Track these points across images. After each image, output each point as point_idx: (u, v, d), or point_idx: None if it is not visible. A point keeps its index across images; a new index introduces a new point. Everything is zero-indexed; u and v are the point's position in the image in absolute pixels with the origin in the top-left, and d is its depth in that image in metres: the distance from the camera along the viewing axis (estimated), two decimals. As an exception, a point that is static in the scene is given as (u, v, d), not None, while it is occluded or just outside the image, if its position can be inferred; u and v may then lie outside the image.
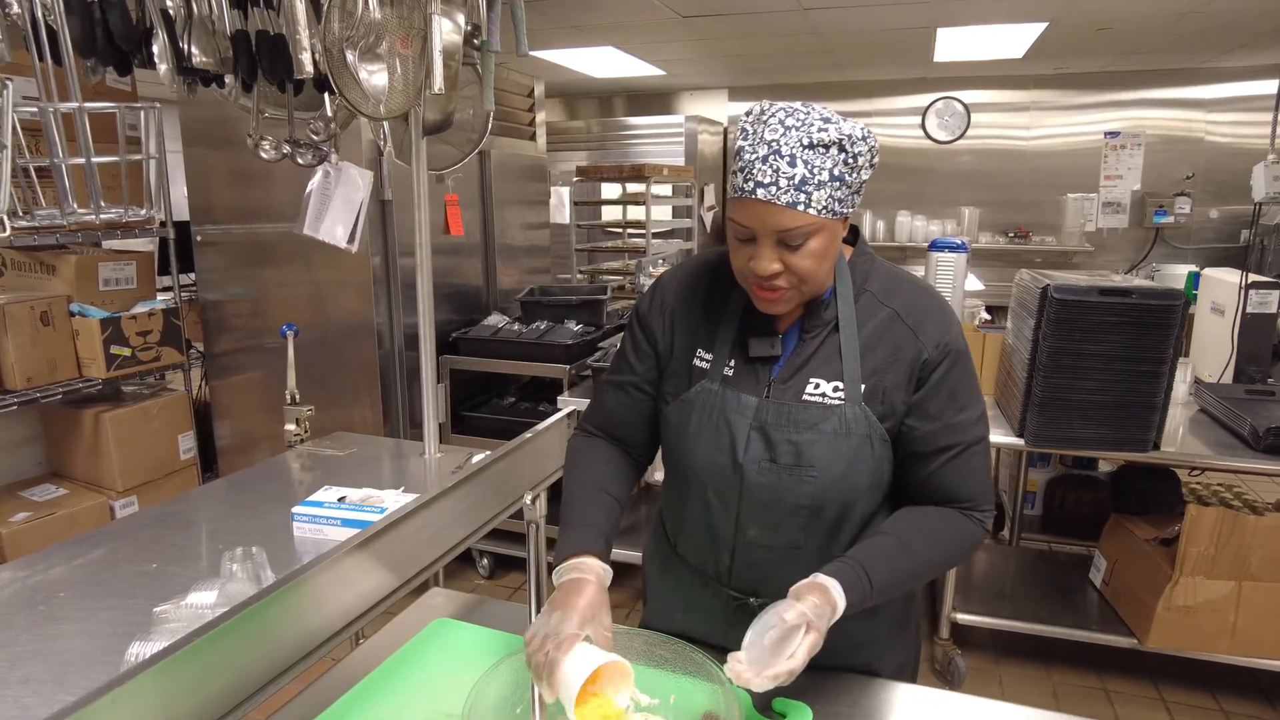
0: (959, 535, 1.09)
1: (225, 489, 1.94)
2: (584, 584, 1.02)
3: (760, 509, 1.10)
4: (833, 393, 1.07)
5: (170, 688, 0.97)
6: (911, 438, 1.08)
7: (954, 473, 1.08)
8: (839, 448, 1.05)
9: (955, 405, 1.07)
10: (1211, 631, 2.34)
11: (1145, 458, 2.29)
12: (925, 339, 1.07)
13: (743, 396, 1.09)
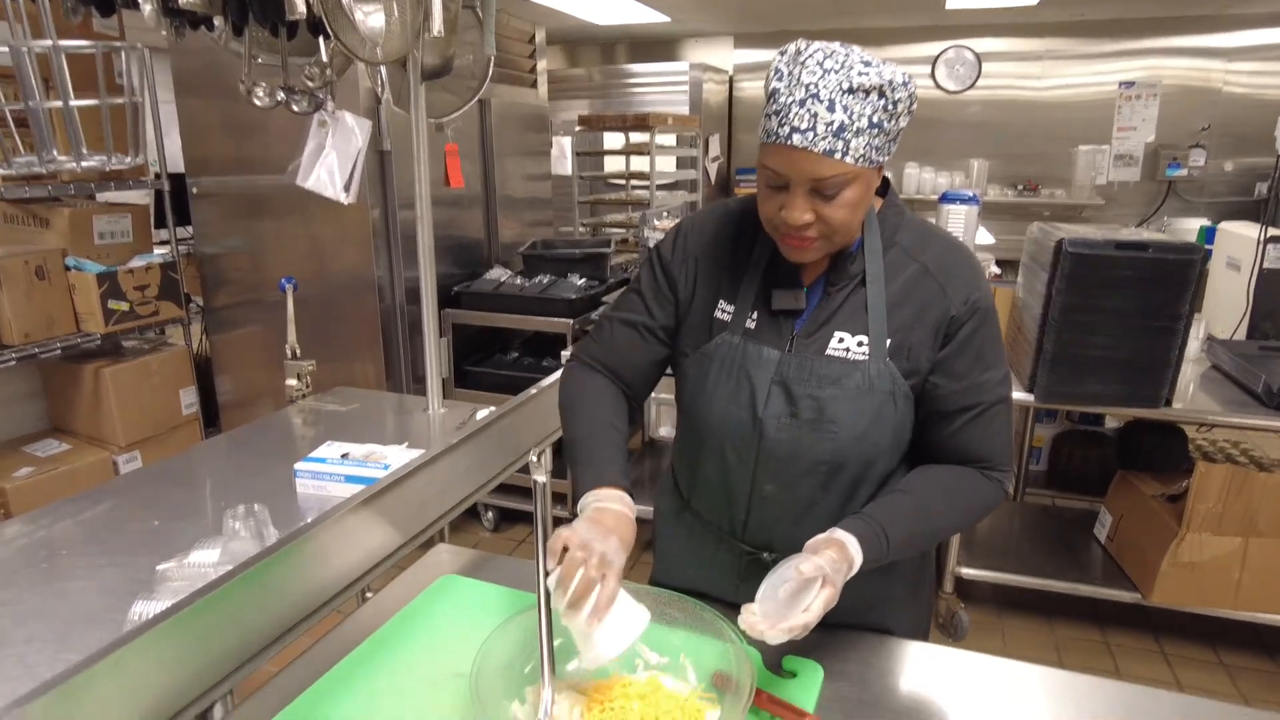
0: (977, 496, 1.07)
1: (227, 445, 1.92)
2: (620, 514, 1.01)
3: (778, 465, 1.08)
4: (857, 348, 1.04)
5: (174, 647, 0.96)
6: (935, 396, 1.06)
7: (975, 433, 1.06)
8: (861, 404, 1.03)
9: (981, 365, 1.05)
10: (1215, 587, 2.34)
11: (1156, 414, 2.27)
12: (954, 295, 1.04)
13: (764, 350, 1.06)
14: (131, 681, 0.90)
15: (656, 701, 0.95)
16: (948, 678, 1.06)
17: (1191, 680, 2.41)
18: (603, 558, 0.92)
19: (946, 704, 1.01)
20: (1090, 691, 1.03)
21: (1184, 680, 2.41)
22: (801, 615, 0.89)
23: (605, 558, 0.92)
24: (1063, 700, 1.01)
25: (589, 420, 1.15)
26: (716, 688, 0.98)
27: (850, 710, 0.99)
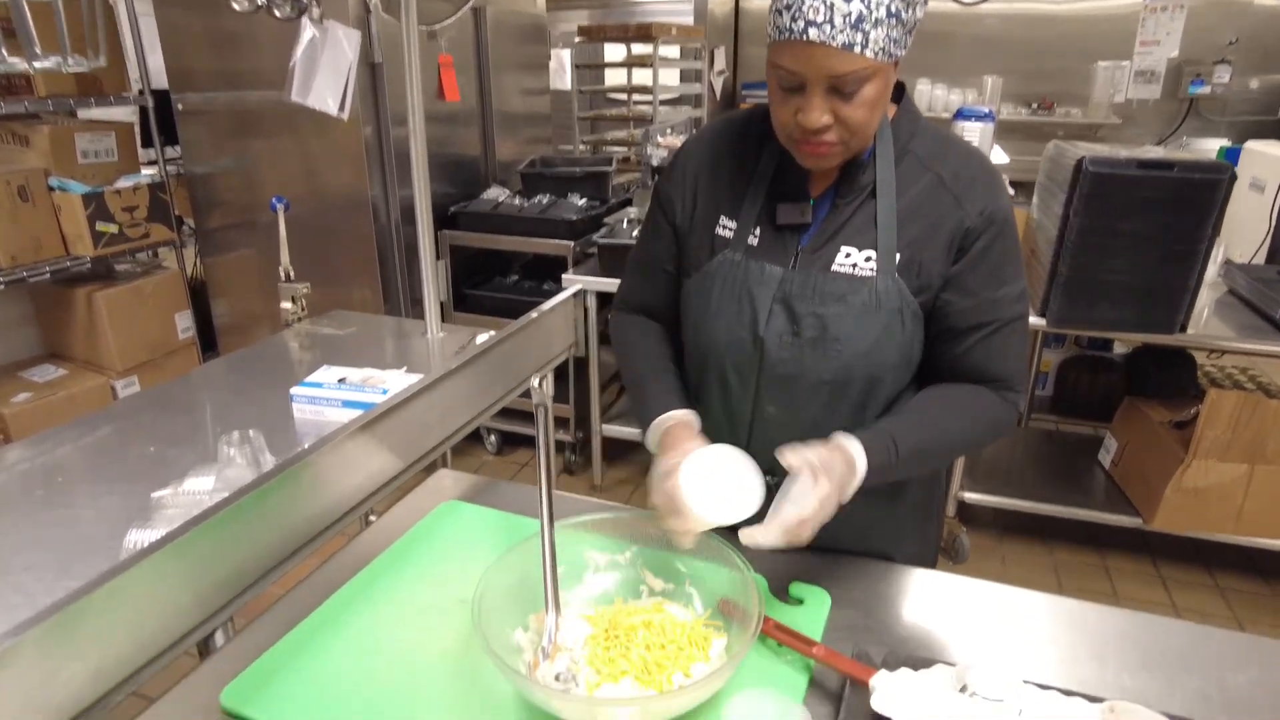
0: (990, 415, 1.04)
1: (223, 369, 1.89)
2: (677, 429, 1.03)
3: (780, 385, 1.04)
4: (864, 263, 0.99)
5: (170, 575, 0.93)
6: (947, 313, 1.01)
7: (989, 351, 1.02)
8: (867, 322, 0.99)
9: (996, 280, 1.00)
10: (1218, 513, 2.35)
11: (1170, 340, 2.23)
12: (969, 207, 0.98)
13: (767, 267, 1.01)
14: (128, 610, 0.88)
15: (662, 629, 0.94)
16: (953, 605, 1.05)
17: (1187, 603, 2.44)
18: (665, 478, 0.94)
19: (952, 631, 1.00)
20: (1093, 617, 1.02)
21: (1180, 603, 2.44)
22: (791, 507, 0.88)
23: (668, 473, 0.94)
24: (1064, 625, 1.00)
25: (640, 360, 1.18)
26: (723, 615, 0.97)
27: (857, 638, 0.98)
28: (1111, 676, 0.91)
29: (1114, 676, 0.91)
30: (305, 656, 0.92)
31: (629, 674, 0.87)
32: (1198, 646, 0.96)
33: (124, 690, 0.90)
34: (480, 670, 0.89)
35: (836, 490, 0.89)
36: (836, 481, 0.90)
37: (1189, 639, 0.97)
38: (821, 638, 0.96)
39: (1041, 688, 0.85)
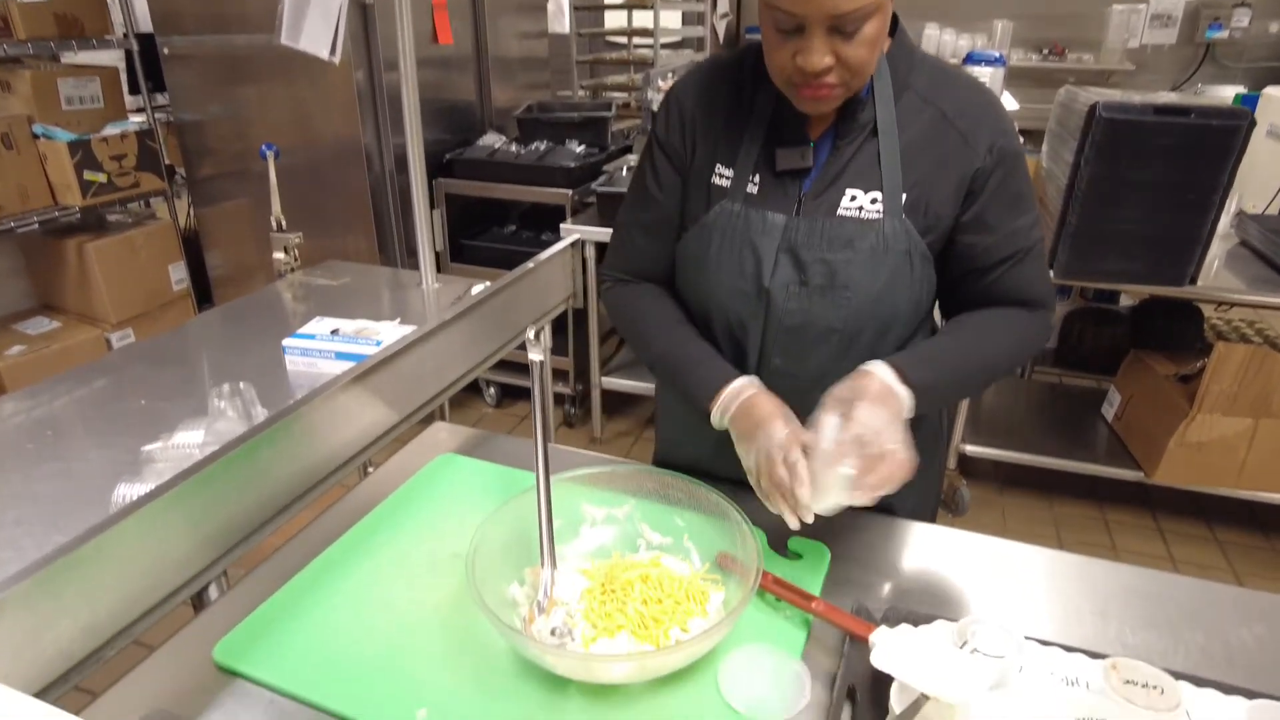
0: (1025, 331, 1.03)
1: (215, 321, 1.86)
2: (757, 399, 0.96)
3: (787, 337, 1.01)
4: (870, 205, 0.95)
5: (160, 529, 0.92)
6: (971, 254, 0.99)
7: (1018, 279, 1.01)
8: (877, 266, 0.95)
9: (1014, 211, 0.98)
10: (1220, 467, 2.34)
11: (1178, 293, 2.19)
12: (977, 144, 0.95)
13: (769, 216, 0.97)
14: (117, 565, 0.87)
15: (659, 583, 0.92)
16: (955, 560, 1.03)
17: (1185, 555, 2.44)
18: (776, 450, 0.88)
19: (953, 586, 0.98)
20: (1096, 573, 1.00)
21: (1178, 555, 2.45)
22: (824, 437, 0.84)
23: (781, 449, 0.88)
24: (1067, 581, 0.99)
25: (663, 331, 1.08)
26: (721, 569, 0.96)
27: (857, 593, 0.96)
28: (1114, 633, 0.90)
29: (1116, 633, 0.90)
30: (298, 612, 0.91)
31: (625, 628, 0.86)
32: (1201, 602, 0.95)
33: (115, 645, 0.89)
34: (475, 625, 0.88)
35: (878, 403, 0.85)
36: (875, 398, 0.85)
37: (1192, 595, 0.96)
38: (820, 592, 0.95)
39: (1043, 644, 0.84)
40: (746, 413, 0.95)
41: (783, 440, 0.89)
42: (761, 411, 0.94)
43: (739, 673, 0.83)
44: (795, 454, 0.87)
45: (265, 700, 0.81)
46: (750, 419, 0.94)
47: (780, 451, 0.88)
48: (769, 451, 0.89)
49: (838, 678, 0.80)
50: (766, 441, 0.90)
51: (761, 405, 0.95)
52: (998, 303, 1.03)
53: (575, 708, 0.80)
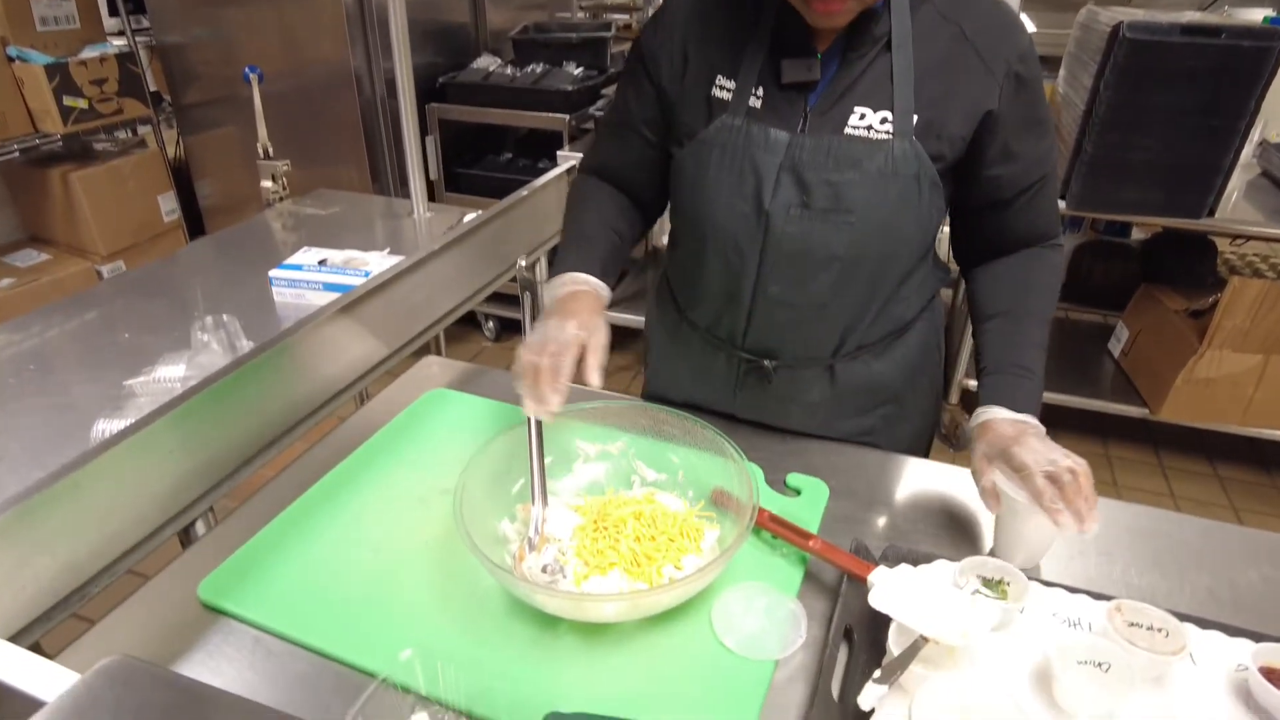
0: (1056, 277, 1.03)
1: (202, 252, 1.81)
2: (578, 294, 0.97)
3: (786, 262, 0.96)
4: (880, 125, 0.89)
5: (141, 465, 0.89)
6: (997, 186, 0.96)
7: (1035, 210, 0.99)
8: (883, 190, 0.90)
9: (1035, 134, 0.95)
10: (1227, 404, 2.31)
11: (1195, 225, 2.12)
12: (995, 67, 0.89)
13: (772, 132, 0.91)
14: (96, 502, 0.85)
15: (653, 519, 0.90)
16: (958, 498, 1.01)
17: (1185, 491, 2.44)
18: (560, 344, 0.88)
19: (955, 525, 0.96)
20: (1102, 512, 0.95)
21: (1178, 491, 2.44)
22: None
23: (562, 343, 0.88)
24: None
25: (578, 220, 1.10)
26: (716, 506, 0.93)
27: (855, 529, 0.94)
28: (1119, 573, 0.88)
29: (1121, 573, 0.88)
30: (284, 549, 0.89)
31: (618, 566, 0.84)
32: (1208, 544, 0.93)
33: (99, 582, 0.87)
34: (464, 563, 0.86)
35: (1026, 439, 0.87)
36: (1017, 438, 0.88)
37: (1199, 536, 0.94)
38: (818, 530, 0.93)
39: (1046, 585, 0.82)
40: (564, 301, 0.96)
41: (567, 339, 0.88)
42: (574, 305, 0.94)
43: (733, 611, 0.81)
44: (568, 360, 0.87)
45: (250, 638, 0.79)
46: (562, 308, 0.94)
47: (556, 345, 0.87)
48: (550, 338, 0.88)
49: (834, 617, 0.78)
50: (556, 331, 0.89)
51: (579, 301, 0.95)
52: (1013, 236, 1.01)
53: (566, 646, 0.78)
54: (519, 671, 0.75)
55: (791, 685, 0.75)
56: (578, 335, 0.89)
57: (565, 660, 0.77)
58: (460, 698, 0.72)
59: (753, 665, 0.76)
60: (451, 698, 0.72)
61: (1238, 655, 0.75)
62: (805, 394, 1.07)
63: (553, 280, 1.00)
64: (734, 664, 0.76)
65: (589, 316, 0.93)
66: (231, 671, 0.76)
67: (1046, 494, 0.80)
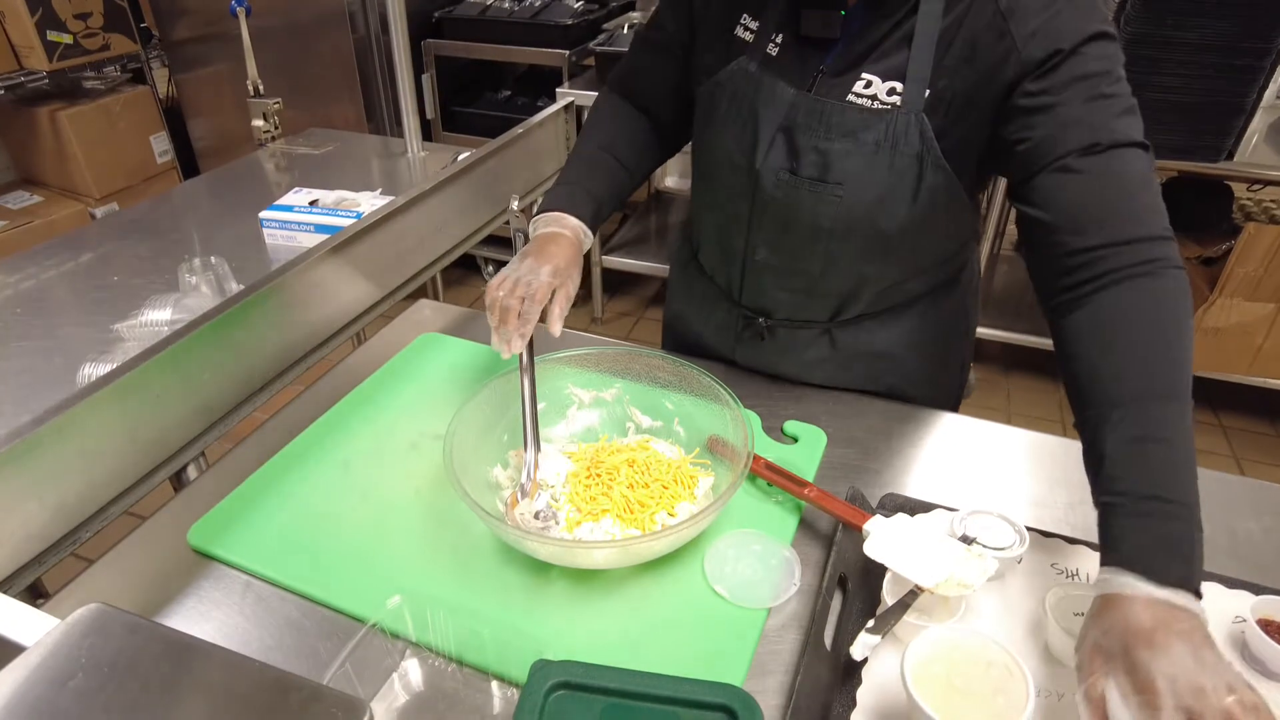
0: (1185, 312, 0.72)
1: (193, 193, 1.77)
2: (559, 238, 0.94)
3: (773, 228, 0.93)
4: (886, 95, 0.82)
5: (128, 410, 0.88)
6: (1037, 148, 0.76)
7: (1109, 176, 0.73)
8: (877, 165, 0.84)
9: (1087, 94, 0.74)
10: (1235, 353, 2.28)
11: (1213, 169, 2.06)
12: (1025, 41, 0.75)
13: (779, 86, 0.87)
14: (83, 447, 0.83)
15: (646, 466, 0.89)
16: (959, 446, 1.00)
17: (1188, 439, 2.42)
18: (530, 290, 0.86)
19: (955, 474, 0.95)
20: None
21: (1181, 439, 2.42)
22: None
23: (528, 284, 0.87)
24: (1074, 469, 0.93)
25: (585, 142, 1.06)
26: (711, 453, 0.92)
27: (852, 477, 0.93)
28: (1119, 522, 0.86)
29: (1121, 522, 0.86)
30: (274, 494, 0.88)
31: (610, 513, 0.83)
32: (1209, 493, 0.89)
33: (90, 527, 0.87)
34: (455, 509, 0.85)
35: (1169, 641, 0.54)
36: (1152, 634, 0.55)
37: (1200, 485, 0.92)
38: (815, 478, 0.92)
39: (1045, 535, 0.81)
40: (544, 243, 0.92)
41: (538, 286, 0.86)
42: (552, 249, 0.91)
43: (726, 559, 0.81)
44: (535, 309, 0.86)
45: (241, 583, 0.79)
46: (541, 249, 0.91)
47: (526, 290, 0.86)
48: (522, 280, 0.87)
49: (828, 566, 0.77)
50: (530, 274, 0.87)
51: (558, 245, 0.92)
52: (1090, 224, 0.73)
53: (557, 593, 0.78)
54: (509, 619, 0.74)
55: (784, 633, 0.75)
56: (549, 283, 0.87)
57: (556, 607, 0.76)
58: (450, 644, 0.71)
59: (745, 613, 0.75)
60: (441, 644, 0.72)
61: (1236, 607, 0.74)
62: (803, 353, 1.04)
63: (540, 215, 0.97)
64: (726, 612, 0.75)
65: (565, 264, 0.90)
66: (221, 616, 0.75)
67: None
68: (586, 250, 0.98)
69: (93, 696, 0.42)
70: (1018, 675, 0.58)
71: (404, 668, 0.71)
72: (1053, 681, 0.68)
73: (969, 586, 0.70)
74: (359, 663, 0.66)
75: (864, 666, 0.68)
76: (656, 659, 0.71)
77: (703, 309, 1.12)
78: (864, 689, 0.67)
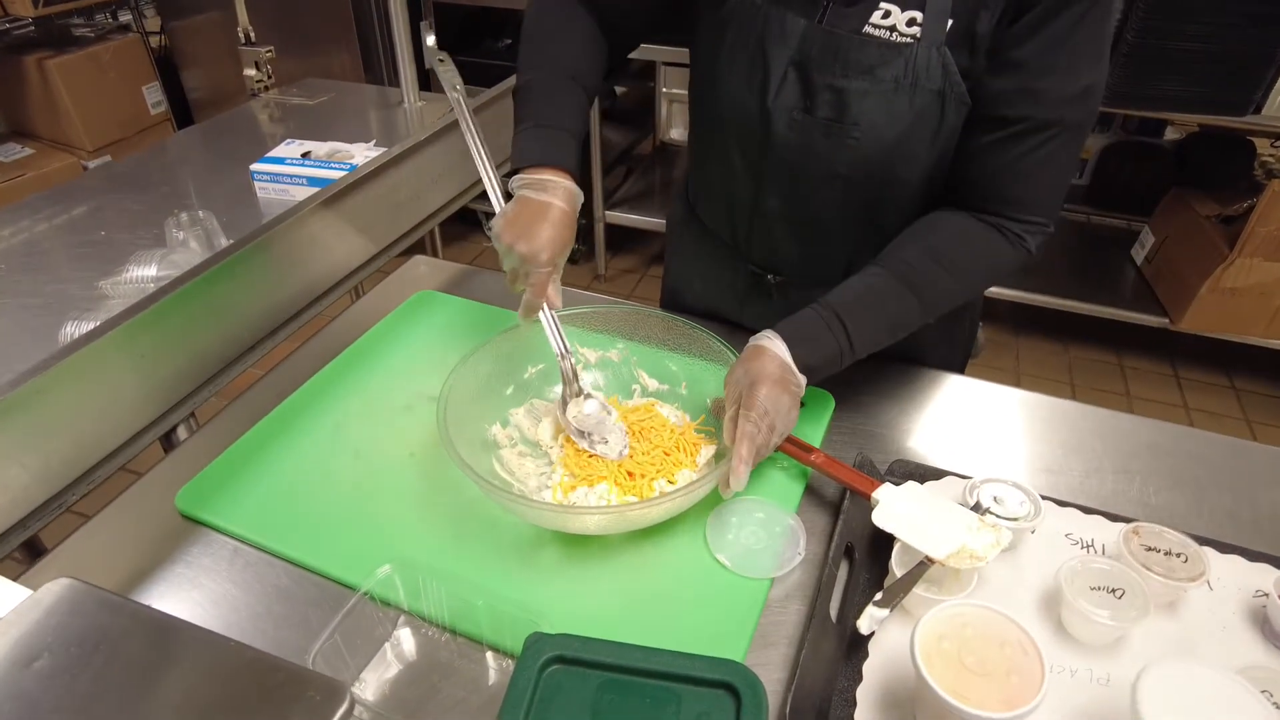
0: (985, 265, 0.84)
1: (183, 145, 1.71)
2: (552, 211, 0.84)
3: (786, 173, 0.88)
4: (905, 27, 0.77)
5: (112, 369, 0.85)
6: (978, 95, 0.78)
7: (1015, 158, 0.79)
8: (897, 104, 0.79)
9: (1053, 62, 0.75)
10: (1251, 315, 2.23)
11: (1237, 123, 1.99)
12: None
13: (789, 19, 0.81)
14: (66, 409, 0.81)
15: (647, 432, 0.86)
16: (971, 411, 0.96)
17: (1199, 403, 2.39)
18: (524, 266, 0.83)
19: (967, 440, 0.92)
20: (1124, 428, 0.92)
21: (1192, 403, 2.39)
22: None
23: (529, 267, 0.83)
24: (1089, 436, 0.91)
25: (545, 63, 0.91)
26: (716, 417, 0.89)
27: (859, 443, 0.90)
28: (1136, 493, 0.84)
29: (1139, 492, 0.84)
30: (263, 457, 0.86)
31: (607, 479, 0.81)
32: (1231, 463, 0.88)
33: (77, 490, 0.85)
34: (449, 473, 0.82)
35: (769, 386, 0.76)
36: (763, 379, 0.76)
37: (1222, 454, 0.89)
38: (821, 444, 0.89)
39: (1060, 504, 0.78)
40: (535, 209, 0.83)
41: (540, 274, 0.83)
42: (546, 230, 0.83)
43: (728, 527, 0.78)
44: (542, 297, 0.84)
45: (229, 549, 0.77)
46: (530, 212, 0.83)
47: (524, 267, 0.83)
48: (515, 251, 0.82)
49: (835, 535, 0.75)
50: (529, 248, 0.82)
51: (546, 215, 0.83)
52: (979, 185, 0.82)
53: (553, 561, 0.75)
54: (504, 588, 0.72)
55: (788, 604, 0.72)
56: (547, 271, 0.83)
57: (552, 576, 0.74)
58: (444, 613, 0.69)
59: (748, 583, 0.73)
60: (434, 613, 0.70)
61: (1257, 581, 0.71)
62: None
63: (528, 176, 0.85)
64: (728, 582, 0.73)
65: (562, 246, 0.84)
66: (210, 583, 0.73)
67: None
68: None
69: (58, 678, 0.40)
70: (1032, 654, 0.56)
71: (396, 637, 0.69)
72: (1066, 657, 0.66)
73: (981, 559, 0.67)
74: (350, 632, 0.64)
75: (871, 640, 0.66)
76: (656, 628, 0.69)
77: (706, 268, 1.08)
78: (870, 663, 0.65)
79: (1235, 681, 0.54)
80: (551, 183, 0.84)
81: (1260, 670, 0.63)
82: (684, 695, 0.56)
